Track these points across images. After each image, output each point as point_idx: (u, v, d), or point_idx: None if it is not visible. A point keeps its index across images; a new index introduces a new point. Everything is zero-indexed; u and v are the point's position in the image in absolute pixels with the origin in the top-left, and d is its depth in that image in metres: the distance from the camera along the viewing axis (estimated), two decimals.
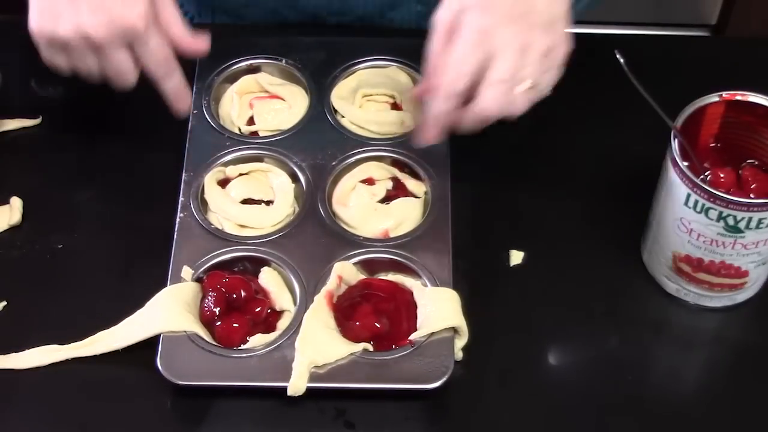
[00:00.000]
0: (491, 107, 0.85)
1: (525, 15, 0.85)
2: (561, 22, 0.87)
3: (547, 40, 0.85)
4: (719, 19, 2.01)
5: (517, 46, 0.84)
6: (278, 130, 1.00)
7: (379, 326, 0.86)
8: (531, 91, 0.85)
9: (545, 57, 0.85)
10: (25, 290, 0.92)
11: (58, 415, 0.85)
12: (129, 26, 0.85)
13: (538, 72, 0.85)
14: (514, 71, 0.84)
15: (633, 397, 0.87)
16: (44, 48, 0.88)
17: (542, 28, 0.85)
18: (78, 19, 0.84)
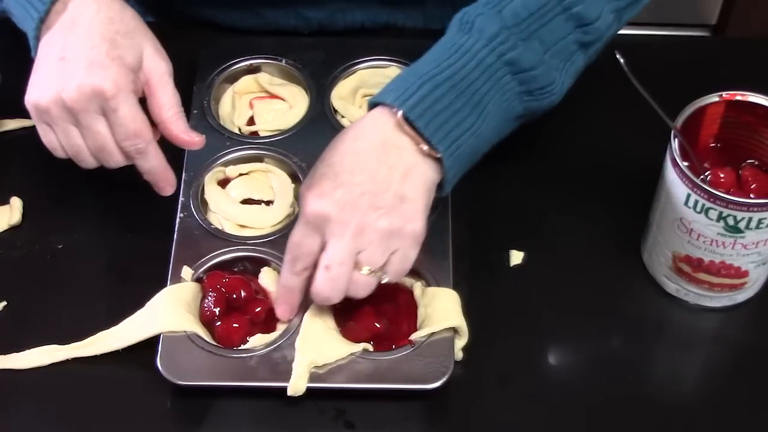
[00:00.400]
0: (320, 291, 0.82)
1: (365, 196, 0.81)
2: (413, 200, 0.82)
3: (388, 221, 0.81)
4: (719, 19, 2.01)
5: (350, 231, 0.80)
6: (278, 130, 1.00)
7: (379, 326, 0.86)
8: (374, 274, 0.82)
9: (389, 239, 0.81)
10: (25, 290, 0.92)
11: (58, 415, 0.85)
12: (96, 89, 0.83)
13: (378, 255, 0.82)
14: (343, 257, 0.81)
15: (633, 397, 0.87)
16: (36, 123, 0.87)
17: (386, 209, 0.81)
18: (57, 85, 0.83)
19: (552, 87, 0.86)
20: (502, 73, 0.84)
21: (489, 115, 0.85)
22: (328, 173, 0.82)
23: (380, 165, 0.82)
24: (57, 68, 0.84)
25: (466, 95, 0.83)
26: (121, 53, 0.85)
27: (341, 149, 0.83)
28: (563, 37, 0.86)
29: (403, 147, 0.83)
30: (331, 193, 0.81)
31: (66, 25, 0.85)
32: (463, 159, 0.84)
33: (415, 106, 0.82)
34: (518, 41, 0.84)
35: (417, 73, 0.84)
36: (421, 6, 1.12)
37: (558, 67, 0.86)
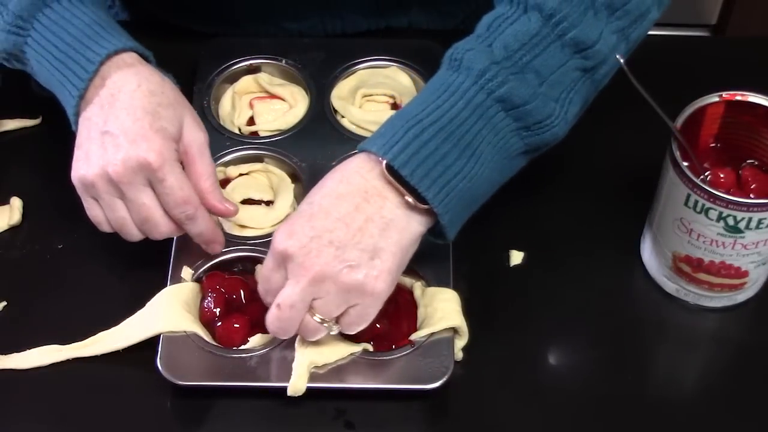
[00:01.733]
0: (270, 326, 0.81)
1: (332, 246, 0.78)
2: (388, 257, 0.79)
3: (351, 276, 0.78)
4: (719, 19, 2.01)
5: (307, 278, 0.78)
6: (278, 130, 1.00)
7: (379, 326, 0.86)
8: (327, 323, 0.81)
9: (348, 293, 0.79)
10: (25, 290, 0.92)
11: (58, 415, 0.85)
12: (142, 161, 0.82)
13: (332, 306, 0.80)
14: (294, 300, 0.79)
15: (633, 397, 0.87)
16: (82, 198, 0.86)
17: (352, 263, 0.78)
18: (102, 159, 0.83)
19: (551, 119, 0.82)
20: (493, 111, 0.80)
21: (483, 156, 0.81)
22: (304, 212, 0.80)
23: (358, 214, 0.79)
24: (100, 143, 0.84)
25: (455, 138, 0.79)
26: (164, 125, 0.84)
27: (324, 190, 0.81)
28: (561, 65, 0.81)
29: (387, 198, 0.80)
30: (301, 234, 0.79)
31: (106, 100, 0.85)
32: (459, 204, 0.81)
33: (400, 153, 0.78)
34: (509, 75, 0.80)
35: (404, 117, 0.81)
36: (406, 14, 1.12)
37: (557, 97, 0.82)
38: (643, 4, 0.84)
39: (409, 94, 1.03)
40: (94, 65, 0.85)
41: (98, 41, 0.86)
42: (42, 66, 0.88)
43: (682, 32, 1.95)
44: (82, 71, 0.85)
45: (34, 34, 0.87)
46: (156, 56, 0.90)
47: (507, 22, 0.82)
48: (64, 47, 0.86)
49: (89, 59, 0.85)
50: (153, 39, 1.02)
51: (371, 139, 0.81)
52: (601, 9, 0.82)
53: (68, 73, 0.86)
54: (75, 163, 0.85)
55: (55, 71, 0.87)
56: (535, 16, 0.81)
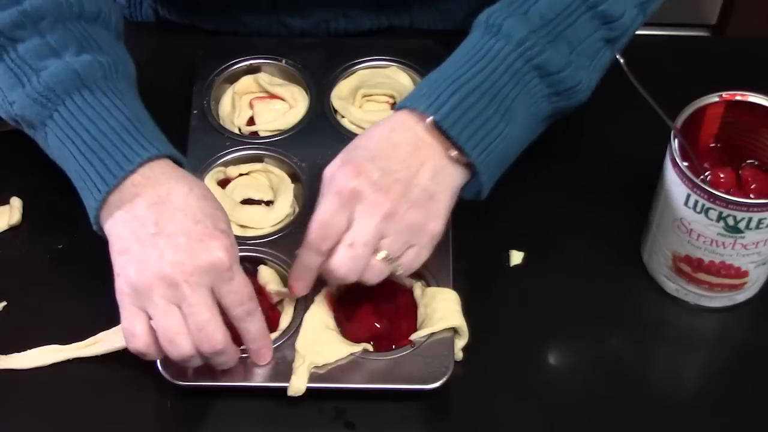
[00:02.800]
0: (339, 269, 0.82)
1: (395, 184, 0.82)
2: (440, 200, 0.84)
3: (415, 215, 0.82)
4: (719, 19, 2.01)
5: (381, 213, 0.81)
6: (278, 130, 1.00)
7: (379, 326, 0.87)
8: (389, 263, 0.83)
9: (411, 231, 0.83)
10: (25, 290, 0.92)
11: (58, 415, 0.85)
12: (214, 260, 0.79)
13: (398, 244, 0.83)
14: (368, 238, 0.81)
15: (633, 397, 0.87)
16: (125, 308, 0.80)
17: (415, 202, 0.82)
18: (162, 261, 0.79)
19: (579, 86, 0.87)
20: (529, 77, 0.85)
21: (517, 119, 0.86)
22: (363, 155, 0.83)
23: (413, 159, 0.83)
24: (154, 244, 0.79)
25: (497, 102, 0.84)
26: (224, 227, 0.82)
27: (376, 137, 0.84)
28: (589, 35, 0.87)
29: (435, 149, 0.84)
30: (369, 173, 0.81)
31: (154, 201, 0.81)
32: (495, 164, 0.86)
33: (449, 114, 0.83)
34: (546, 44, 0.85)
35: (447, 78, 0.84)
36: (407, 12, 1.12)
37: (584, 65, 0.87)
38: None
39: None
40: (132, 165, 0.81)
41: (139, 140, 0.83)
42: (63, 147, 0.84)
43: (682, 32, 1.95)
44: (117, 168, 0.81)
45: (64, 112, 0.84)
46: (156, 56, 0.91)
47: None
48: (98, 136, 0.83)
49: (127, 157, 0.82)
50: (153, 39, 1.02)
51: (414, 98, 0.85)
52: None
53: (99, 166, 0.82)
54: (123, 268, 0.80)
55: (81, 157, 0.83)
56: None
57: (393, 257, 0.83)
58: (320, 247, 0.83)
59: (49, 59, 0.85)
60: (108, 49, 0.88)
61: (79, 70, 0.84)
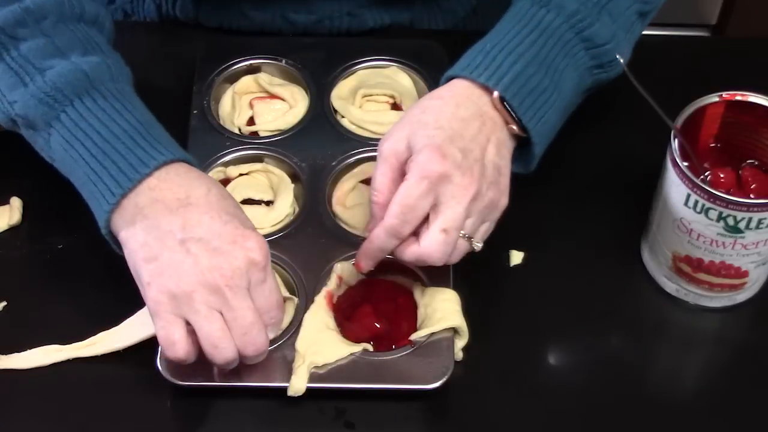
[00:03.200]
0: (433, 255, 0.82)
1: (475, 164, 0.82)
2: (505, 174, 0.85)
3: (492, 192, 0.84)
4: (719, 19, 2.01)
5: (469, 196, 0.81)
6: (278, 130, 1.00)
7: (379, 326, 0.86)
8: (469, 241, 0.84)
9: (488, 209, 0.84)
10: (25, 290, 0.92)
11: (58, 415, 0.85)
12: (251, 260, 0.78)
13: (478, 223, 0.84)
14: (460, 222, 0.82)
15: (633, 397, 0.87)
16: (160, 318, 0.79)
17: (492, 180, 0.83)
18: (199, 267, 0.78)
19: (619, 58, 0.88)
20: (577, 49, 0.87)
21: (564, 90, 0.87)
22: (441, 135, 0.82)
23: (481, 135, 0.83)
24: (185, 251, 0.78)
25: (551, 73, 0.86)
26: (251, 225, 0.82)
27: (446, 113, 0.84)
28: (627, 8, 0.89)
29: (497, 121, 0.85)
30: (453, 154, 0.81)
31: (176, 205, 0.80)
32: (546, 135, 0.87)
33: (510, 84, 0.84)
34: (594, 16, 0.86)
35: (503, 49, 0.85)
36: (409, 9, 1.12)
37: (624, 37, 0.89)
38: None
39: (409, 95, 1.03)
40: (147, 168, 0.80)
41: (153, 144, 0.82)
42: (71, 149, 0.83)
43: (682, 32, 1.95)
44: (132, 170, 0.80)
45: (72, 113, 0.83)
46: (156, 56, 0.91)
47: None
48: (111, 139, 0.82)
49: (142, 160, 0.81)
50: (154, 38, 1.02)
51: (471, 67, 0.85)
52: None
53: (112, 168, 0.81)
54: (153, 277, 0.78)
55: (93, 160, 0.82)
56: None
57: (472, 236, 0.84)
58: (401, 231, 0.82)
59: (55, 59, 0.84)
60: (108, 52, 0.88)
61: (87, 71, 0.84)
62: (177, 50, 1.09)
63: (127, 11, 1.16)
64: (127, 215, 0.81)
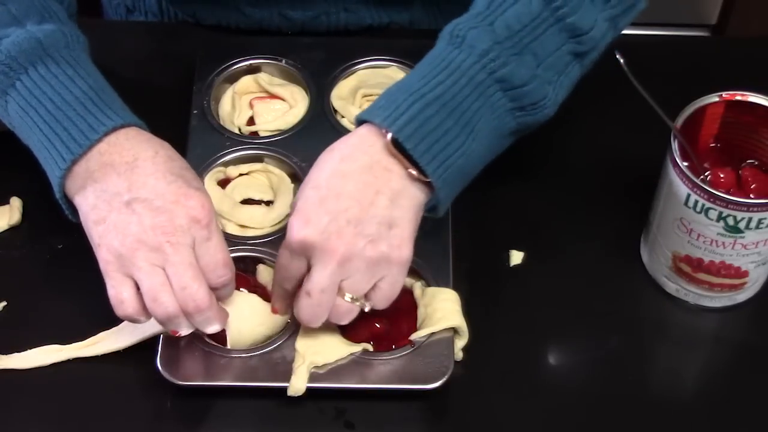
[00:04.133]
0: (302, 316, 0.82)
1: (347, 226, 0.79)
2: (402, 225, 0.81)
3: (377, 249, 0.79)
4: (719, 19, 2.01)
5: (335, 260, 0.79)
6: (278, 130, 1.00)
7: (379, 326, 0.86)
8: (356, 301, 0.81)
9: (375, 266, 0.80)
10: (25, 290, 0.92)
11: (58, 415, 0.85)
12: (192, 217, 0.80)
13: (363, 283, 0.80)
14: (324, 286, 0.79)
15: (633, 397, 0.87)
16: (109, 276, 0.81)
17: (373, 237, 0.79)
18: (142, 225, 0.79)
19: (545, 101, 0.84)
20: (492, 90, 0.82)
21: (479, 134, 0.82)
22: (313, 197, 0.80)
23: (367, 188, 0.80)
24: (131, 211, 0.80)
25: (456, 114, 0.81)
26: (197, 185, 0.83)
27: (327, 170, 0.81)
28: (557, 48, 0.84)
29: (392, 170, 0.80)
30: (316, 219, 0.79)
31: (122, 168, 0.81)
32: (454, 180, 0.83)
33: (405, 126, 0.80)
34: (510, 57, 0.82)
35: (407, 89, 0.82)
36: (408, 9, 1.12)
37: (551, 80, 0.84)
38: None
39: None
40: (97, 134, 0.82)
41: (103, 110, 0.83)
42: (26, 116, 0.84)
43: (682, 32, 1.96)
44: (82, 137, 0.82)
45: (27, 81, 0.84)
46: (156, 56, 0.91)
47: (508, 2, 0.83)
48: (62, 105, 0.83)
49: (92, 126, 0.82)
50: (153, 38, 1.02)
51: (372, 110, 0.82)
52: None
53: (64, 135, 0.82)
54: (101, 238, 0.80)
55: (45, 126, 0.83)
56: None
57: (359, 297, 0.81)
58: (284, 286, 0.83)
59: (11, 27, 0.85)
60: (65, 21, 0.88)
61: (42, 39, 0.84)
62: (177, 50, 1.09)
63: (129, 7, 1.17)
64: (79, 180, 0.83)
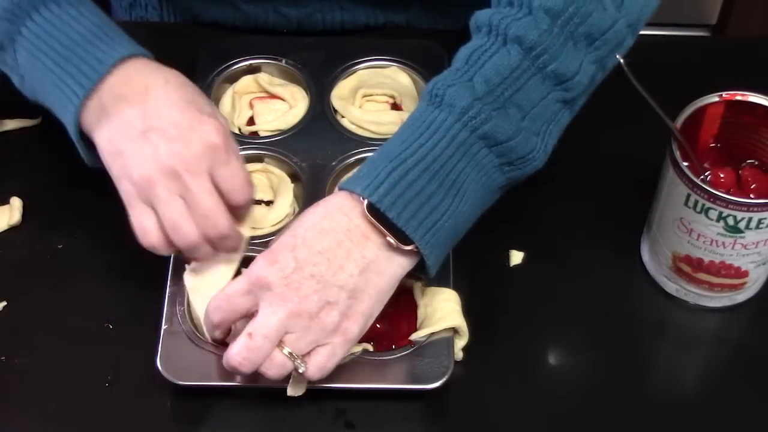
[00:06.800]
0: (232, 357, 0.78)
1: (309, 280, 0.77)
2: (364, 300, 0.79)
3: (329, 314, 0.78)
4: (719, 19, 2.02)
5: (286, 309, 0.77)
6: (278, 130, 1.00)
7: (379, 326, 0.86)
8: (293, 358, 0.78)
9: (321, 331, 0.78)
10: (25, 290, 0.92)
11: (58, 415, 0.85)
12: (209, 143, 0.80)
13: (304, 342, 0.78)
14: (269, 331, 0.77)
15: (633, 397, 0.87)
16: (132, 205, 0.81)
17: (330, 301, 0.78)
18: (158, 154, 0.80)
19: (533, 153, 0.82)
20: (477, 148, 0.80)
21: (467, 194, 0.80)
22: (287, 243, 0.79)
23: (340, 250, 0.78)
24: (146, 140, 0.80)
25: (440, 177, 0.79)
26: (210, 111, 0.83)
27: (308, 222, 0.80)
28: (542, 98, 0.81)
29: (370, 238, 0.79)
30: (283, 263, 0.78)
31: (135, 98, 0.82)
32: (444, 242, 0.80)
33: (386, 194, 0.78)
34: (492, 112, 0.79)
35: (387, 156, 0.79)
36: (405, 10, 1.12)
37: (539, 130, 0.82)
38: (620, 33, 0.83)
39: (409, 94, 1.03)
40: (106, 66, 0.83)
41: (109, 43, 0.84)
42: (36, 60, 0.85)
43: (682, 32, 1.96)
44: (92, 71, 0.83)
45: (32, 26, 0.85)
46: (156, 56, 0.90)
47: (486, 55, 0.81)
48: (70, 44, 0.84)
49: (100, 60, 0.83)
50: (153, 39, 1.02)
51: (354, 178, 0.80)
52: (580, 39, 0.81)
53: (74, 71, 0.83)
54: (122, 169, 0.81)
55: (56, 67, 0.84)
56: (515, 48, 0.80)
57: (297, 355, 0.78)
58: (212, 317, 0.80)
59: None
60: None
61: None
62: (177, 50, 1.08)
63: (131, 1, 1.17)
64: (94, 115, 0.83)
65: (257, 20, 1.10)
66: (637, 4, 0.84)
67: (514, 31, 0.80)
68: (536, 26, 0.80)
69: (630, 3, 0.83)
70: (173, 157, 0.80)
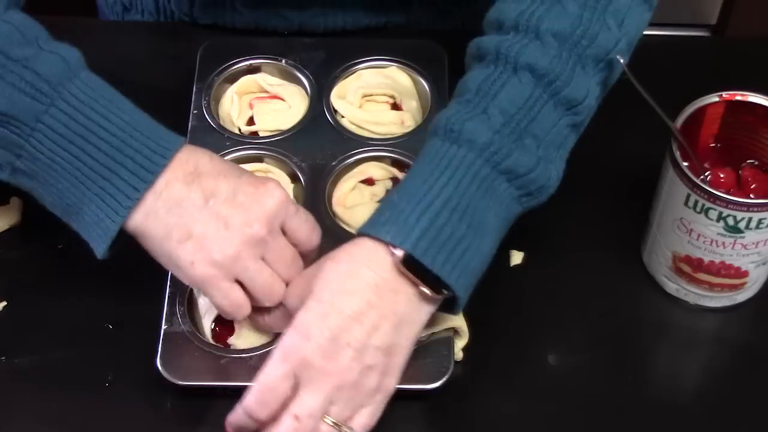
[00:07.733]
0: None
1: (346, 349, 0.75)
2: (399, 353, 0.77)
3: (369, 378, 0.76)
4: (719, 19, 2.01)
5: (329, 385, 0.74)
6: (278, 131, 1.00)
7: None
8: (338, 427, 0.76)
9: (363, 395, 0.77)
10: (25, 290, 0.92)
11: (58, 415, 0.85)
12: (279, 200, 0.78)
13: (348, 410, 0.76)
14: (315, 411, 0.74)
15: (633, 397, 0.87)
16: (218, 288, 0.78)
17: (369, 365, 0.76)
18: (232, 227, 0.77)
19: (550, 182, 0.81)
20: (498, 183, 0.78)
21: (489, 229, 0.79)
22: (314, 309, 0.76)
23: (371, 311, 0.76)
24: (216, 215, 0.77)
25: (468, 217, 0.77)
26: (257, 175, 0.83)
27: (333, 284, 0.76)
28: (554, 125, 0.80)
29: (399, 291, 0.76)
30: (318, 335, 0.75)
31: (188, 180, 0.77)
32: (473, 281, 0.79)
33: (418, 242, 0.75)
34: (511, 144, 0.78)
35: (411, 199, 0.77)
36: (406, 10, 1.12)
37: (552, 157, 0.81)
38: (623, 53, 0.83)
39: (409, 94, 1.03)
40: (165, 159, 0.77)
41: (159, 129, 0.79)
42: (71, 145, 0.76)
43: (682, 32, 1.96)
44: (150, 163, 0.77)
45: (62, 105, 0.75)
46: (156, 56, 0.91)
47: (497, 84, 0.80)
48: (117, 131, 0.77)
49: (163, 145, 0.77)
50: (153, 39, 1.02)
51: (377, 224, 0.77)
52: (588, 62, 0.81)
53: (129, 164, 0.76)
54: (196, 254, 0.77)
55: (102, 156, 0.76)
56: (527, 76, 0.79)
57: (341, 422, 0.76)
58: (259, 414, 0.75)
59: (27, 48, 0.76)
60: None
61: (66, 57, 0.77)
62: (177, 50, 1.09)
63: (126, 5, 1.16)
64: (147, 205, 0.78)
65: (258, 23, 1.10)
66: (635, 21, 0.84)
67: (525, 59, 0.79)
68: (545, 52, 0.79)
69: (629, 20, 0.83)
70: (252, 222, 0.77)
